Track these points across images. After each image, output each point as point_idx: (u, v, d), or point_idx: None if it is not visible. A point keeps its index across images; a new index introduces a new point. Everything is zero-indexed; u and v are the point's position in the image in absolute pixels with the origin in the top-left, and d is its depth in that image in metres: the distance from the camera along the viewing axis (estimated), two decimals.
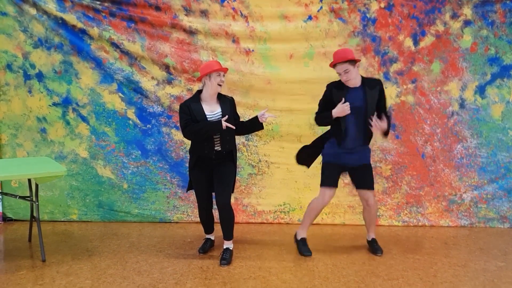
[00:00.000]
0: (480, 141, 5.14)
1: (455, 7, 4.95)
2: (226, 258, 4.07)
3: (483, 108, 5.11)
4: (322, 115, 4.19)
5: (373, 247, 4.39)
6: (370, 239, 4.47)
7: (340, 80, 4.12)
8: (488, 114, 5.11)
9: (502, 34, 4.99)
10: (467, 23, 4.98)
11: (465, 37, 5.00)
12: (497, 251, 4.47)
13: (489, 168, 5.17)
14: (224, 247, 4.17)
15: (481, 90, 5.09)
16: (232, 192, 4.23)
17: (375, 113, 4.10)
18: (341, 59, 3.99)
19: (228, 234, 4.12)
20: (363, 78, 4.13)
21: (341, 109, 4.02)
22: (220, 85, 4.00)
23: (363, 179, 4.25)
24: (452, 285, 3.70)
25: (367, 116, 4.07)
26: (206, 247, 4.37)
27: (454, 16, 4.97)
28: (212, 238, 4.47)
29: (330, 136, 4.26)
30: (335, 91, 4.11)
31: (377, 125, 4.02)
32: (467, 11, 4.95)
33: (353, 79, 4.05)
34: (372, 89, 4.09)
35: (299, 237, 4.41)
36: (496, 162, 5.16)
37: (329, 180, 4.22)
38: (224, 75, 4.04)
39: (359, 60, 4.09)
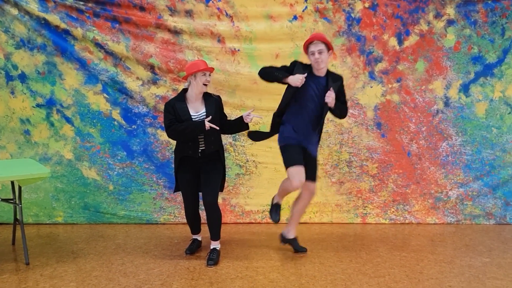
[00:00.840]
0: (464, 139, 5.19)
1: (438, 7, 5.00)
2: (213, 258, 4.04)
3: (467, 106, 5.16)
4: (276, 71, 4.03)
5: (297, 245, 4.36)
6: (293, 236, 4.38)
7: (308, 64, 4.06)
8: (472, 112, 5.17)
9: (484, 33, 5.04)
10: (450, 22, 5.03)
11: (449, 36, 5.05)
12: (482, 247, 4.51)
13: (474, 166, 5.22)
14: (211, 247, 4.14)
15: (465, 89, 5.14)
16: (221, 191, 4.20)
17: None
18: (320, 38, 3.94)
19: (215, 234, 4.10)
20: (328, 70, 4.09)
21: (296, 78, 3.90)
22: (205, 85, 3.98)
23: (311, 171, 4.15)
24: (438, 281, 3.72)
25: (323, 107, 4.02)
26: (193, 248, 4.34)
27: (438, 16, 5.02)
28: (199, 238, 4.44)
29: (285, 120, 4.18)
30: (299, 68, 4.00)
31: (330, 96, 3.94)
32: (450, 11, 5.00)
33: (323, 65, 3.97)
34: (335, 81, 4.05)
35: (274, 201, 4.37)
36: (480, 160, 5.21)
37: (292, 159, 4.06)
38: (210, 75, 4.01)
39: (332, 49, 4.05)
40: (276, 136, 5.10)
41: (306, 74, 3.95)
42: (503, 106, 5.16)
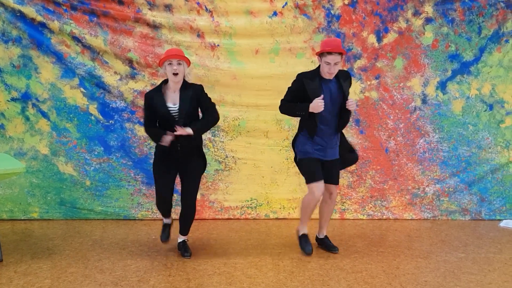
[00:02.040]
0: (441, 136, 5.25)
1: (416, 5, 5.04)
2: (188, 249, 4.10)
3: (444, 103, 5.22)
4: (295, 107, 3.96)
5: (329, 244, 4.31)
6: (323, 236, 4.38)
7: (312, 71, 3.98)
8: (449, 109, 5.23)
9: (461, 31, 5.11)
10: (428, 20, 5.08)
11: (427, 34, 5.10)
12: (458, 242, 4.58)
13: (450, 162, 5.29)
14: (180, 240, 4.17)
15: (442, 86, 5.20)
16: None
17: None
18: (339, 50, 3.80)
19: (186, 230, 4.13)
20: None
21: (316, 105, 3.83)
22: (175, 74, 3.74)
23: (333, 174, 4.12)
24: (414, 276, 3.76)
25: (341, 108, 3.96)
26: (167, 233, 4.24)
27: (416, 14, 5.06)
28: (170, 221, 4.29)
29: (301, 130, 4.09)
30: (309, 82, 3.89)
31: (352, 105, 3.93)
32: (429, 9, 5.05)
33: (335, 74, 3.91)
34: (345, 80, 3.99)
35: (300, 233, 4.31)
36: (457, 156, 5.28)
37: (313, 175, 4.00)
38: (179, 63, 3.73)
39: (345, 53, 3.95)
40: (256, 133, 5.14)
41: (323, 96, 3.86)
42: (479, 104, 5.23)
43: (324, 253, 4.23)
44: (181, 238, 4.16)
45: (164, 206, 4.16)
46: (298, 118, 4.14)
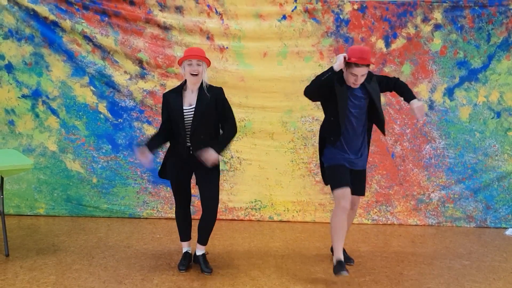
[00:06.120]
0: (448, 142, 5.25)
1: (426, 11, 5.05)
2: (208, 265, 3.79)
3: (451, 110, 5.22)
4: (319, 74, 3.59)
5: (344, 256, 3.89)
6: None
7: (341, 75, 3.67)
8: (456, 116, 5.23)
9: (470, 38, 5.10)
10: (437, 27, 5.08)
11: (435, 40, 5.10)
12: (462, 249, 4.56)
13: (456, 169, 5.28)
14: (200, 253, 3.83)
15: (449, 93, 5.20)
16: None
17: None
18: (367, 62, 3.51)
19: (205, 238, 3.81)
20: None
21: (340, 62, 3.49)
22: (193, 75, 3.56)
23: (359, 185, 3.88)
24: (418, 282, 3.75)
25: (369, 114, 3.78)
26: (186, 263, 3.86)
27: (425, 20, 5.07)
28: (190, 250, 3.95)
29: (325, 141, 3.82)
30: (338, 86, 3.61)
31: (419, 111, 3.73)
32: (438, 15, 5.05)
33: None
34: (369, 82, 3.70)
35: (334, 259, 3.71)
36: (463, 163, 5.27)
37: (338, 180, 3.70)
38: (198, 64, 3.55)
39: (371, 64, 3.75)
40: (261, 135, 5.17)
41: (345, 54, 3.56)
42: (487, 111, 5.23)
43: (327, 257, 4.23)
44: (199, 250, 3.82)
45: (181, 218, 3.86)
46: (303, 121, 4.07)
